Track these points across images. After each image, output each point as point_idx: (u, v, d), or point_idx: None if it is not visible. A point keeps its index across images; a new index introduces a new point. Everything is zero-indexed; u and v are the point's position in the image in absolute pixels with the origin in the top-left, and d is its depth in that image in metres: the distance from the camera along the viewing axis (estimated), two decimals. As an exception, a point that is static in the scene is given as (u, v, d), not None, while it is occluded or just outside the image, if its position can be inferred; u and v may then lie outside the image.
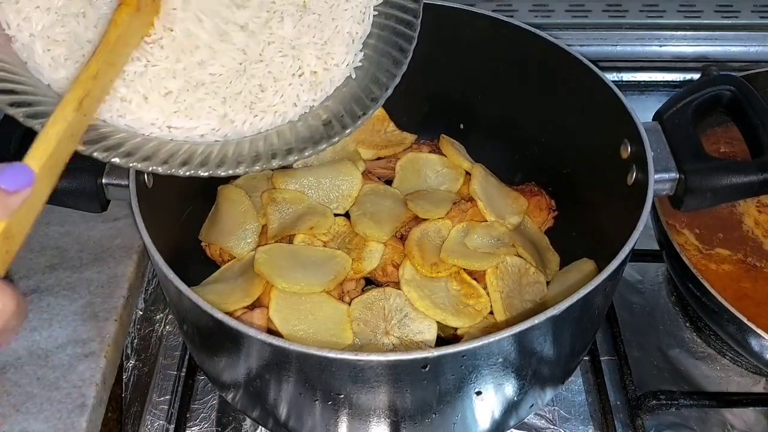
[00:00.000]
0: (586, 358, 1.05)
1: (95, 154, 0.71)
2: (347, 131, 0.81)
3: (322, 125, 0.82)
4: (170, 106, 0.78)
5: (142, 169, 0.74)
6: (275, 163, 0.77)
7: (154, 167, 0.74)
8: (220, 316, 0.69)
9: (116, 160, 0.72)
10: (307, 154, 0.79)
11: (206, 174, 0.75)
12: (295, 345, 0.67)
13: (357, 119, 0.82)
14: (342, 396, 0.74)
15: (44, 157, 0.55)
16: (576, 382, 1.06)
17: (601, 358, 1.05)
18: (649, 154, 0.84)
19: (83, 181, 0.84)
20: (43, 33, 0.76)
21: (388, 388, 0.71)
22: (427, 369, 0.68)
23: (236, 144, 0.80)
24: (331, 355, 0.66)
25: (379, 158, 1.19)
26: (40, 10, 0.76)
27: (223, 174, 0.76)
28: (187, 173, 0.75)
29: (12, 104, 0.69)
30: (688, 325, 1.12)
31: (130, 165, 0.73)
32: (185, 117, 0.79)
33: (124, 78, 0.76)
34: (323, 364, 0.68)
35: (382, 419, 0.77)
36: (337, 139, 0.80)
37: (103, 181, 0.85)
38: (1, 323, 0.49)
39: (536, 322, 0.68)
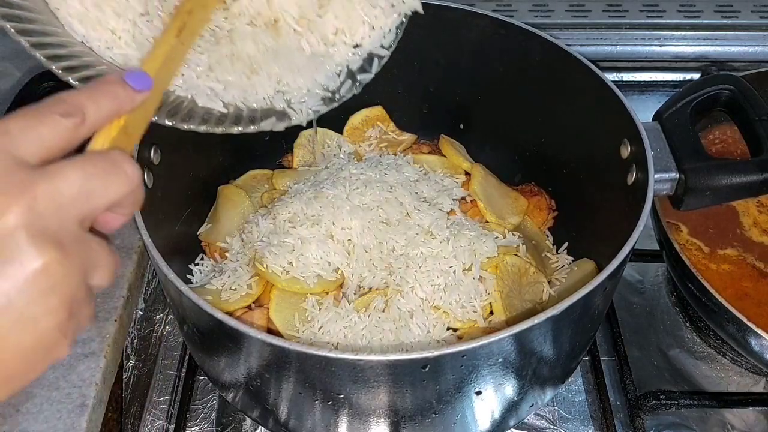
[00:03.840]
0: (586, 358, 1.05)
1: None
2: None
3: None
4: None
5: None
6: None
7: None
8: (220, 316, 0.69)
9: None
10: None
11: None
12: (294, 345, 0.67)
13: None
14: (342, 396, 0.73)
15: (154, 71, 0.61)
16: (576, 382, 1.06)
17: (601, 358, 1.05)
18: (649, 154, 0.84)
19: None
20: None
21: (388, 388, 0.71)
22: (426, 369, 0.68)
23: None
24: (331, 354, 0.66)
25: (378, 158, 1.19)
26: None
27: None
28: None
29: (49, 58, 0.69)
30: (688, 325, 1.12)
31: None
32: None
33: None
34: (323, 364, 0.68)
35: (382, 419, 0.77)
36: None
37: (103, 181, 0.84)
38: (128, 188, 0.51)
39: (536, 322, 0.68)
